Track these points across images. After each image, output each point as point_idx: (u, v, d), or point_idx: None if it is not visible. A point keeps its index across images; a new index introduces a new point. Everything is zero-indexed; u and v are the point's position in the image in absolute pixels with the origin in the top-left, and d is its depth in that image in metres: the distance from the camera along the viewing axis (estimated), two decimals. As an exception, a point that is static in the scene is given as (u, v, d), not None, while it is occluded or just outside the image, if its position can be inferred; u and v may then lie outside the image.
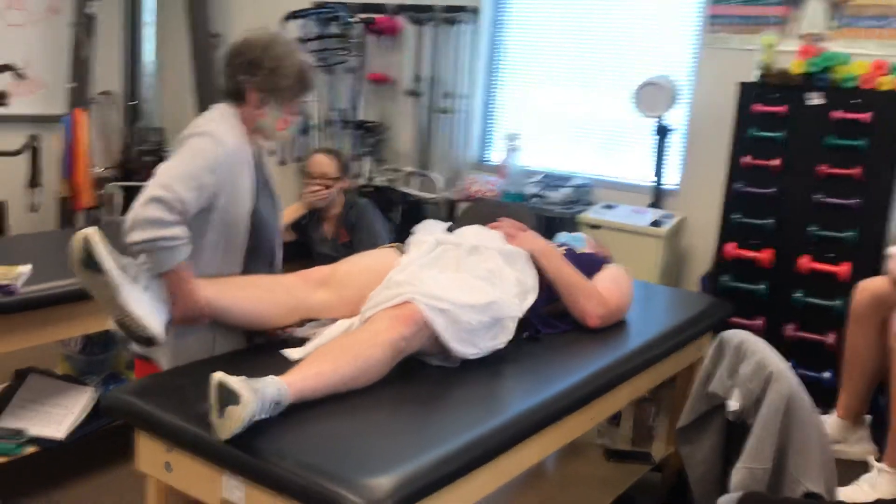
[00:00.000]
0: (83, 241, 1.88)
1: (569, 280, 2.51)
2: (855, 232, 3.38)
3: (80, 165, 4.87)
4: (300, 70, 2.27)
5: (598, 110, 4.61)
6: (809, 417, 2.08)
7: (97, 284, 1.91)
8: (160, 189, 1.99)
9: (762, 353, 2.22)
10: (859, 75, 3.33)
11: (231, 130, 2.19)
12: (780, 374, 2.13)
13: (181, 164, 2.06)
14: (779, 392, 2.10)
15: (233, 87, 2.26)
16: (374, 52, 5.20)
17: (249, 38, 2.27)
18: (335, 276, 2.31)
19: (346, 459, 1.66)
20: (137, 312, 1.94)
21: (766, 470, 2.08)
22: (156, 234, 1.98)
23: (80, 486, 2.95)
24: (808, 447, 2.05)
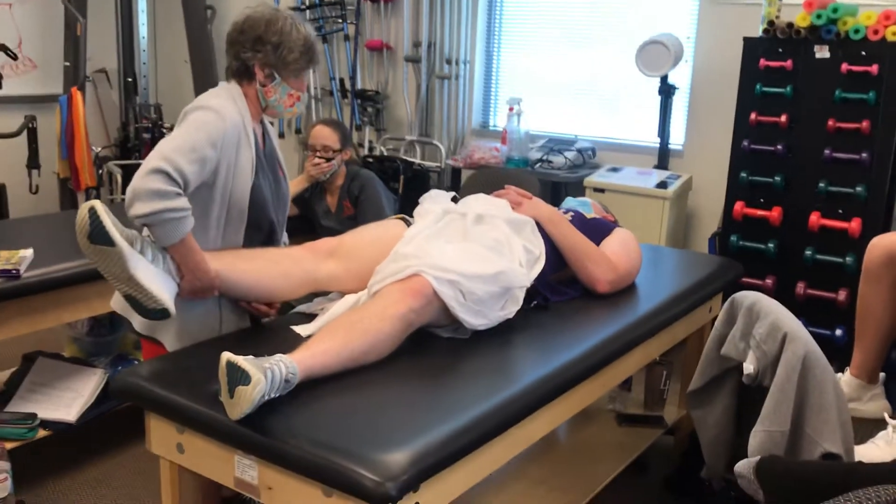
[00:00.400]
0: (88, 214, 1.84)
1: (576, 246, 2.48)
2: (864, 187, 3.34)
3: (78, 145, 4.83)
4: (305, 43, 2.23)
5: (600, 71, 4.55)
6: (825, 377, 2.06)
7: (104, 258, 1.88)
8: (161, 160, 1.94)
9: (776, 313, 2.18)
10: (867, 26, 3.27)
11: (234, 106, 2.16)
12: (795, 334, 2.10)
13: (182, 136, 2.02)
14: (794, 353, 2.07)
15: (238, 65, 2.22)
16: (371, 19, 5.13)
17: (252, 16, 2.22)
18: (342, 248, 2.29)
19: (360, 436, 1.65)
20: (147, 285, 1.91)
21: (784, 433, 2.05)
22: (160, 206, 1.91)
23: (93, 468, 2.96)
24: (825, 408, 2.03)
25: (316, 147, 3.38)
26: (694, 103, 4.22)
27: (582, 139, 4.49)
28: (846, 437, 2.02)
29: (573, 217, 2.62)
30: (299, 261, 2.23)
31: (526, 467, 2.57)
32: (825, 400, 2.03)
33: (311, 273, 2.22)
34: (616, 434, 2.87)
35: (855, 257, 3.36)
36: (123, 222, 1.94)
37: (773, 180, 3.53)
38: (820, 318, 3.47)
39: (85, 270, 2.64)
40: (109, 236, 1.85)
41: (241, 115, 2.17)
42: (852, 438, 2.07)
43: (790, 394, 2.05)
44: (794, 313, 2.32)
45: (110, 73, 5.57)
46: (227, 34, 2.25)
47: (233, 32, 2.23)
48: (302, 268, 2.21)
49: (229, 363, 1.64)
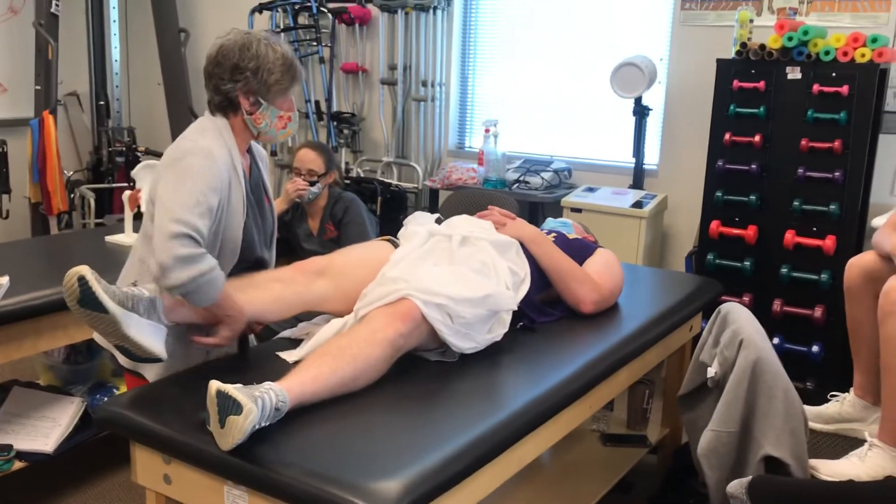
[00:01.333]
0: (78, 282, 1.81)
1: (561, 267, 2.49)
2: (837, 205, 3.39)
3: (50, 169, 4.77)
4: (284, 61, 2.16)
5: (575, 93, 4.59)
6: (775, 384, 2.11)
7: (98, 321, 1.86)
8: (176, 224, 1.90)
9: (740, 321, 2.25)
10: (837, 48, 3.33)
11: (221, 144, 2.10)
12: (750, 340, 2.17)
13: (184, 191, 1.95)
14: (746, 358, 2.15)
15: (221, 99, 2.15)
16: (346, 42, 5.14)
17: (224, 45, 2.16)
18: (332, 268, 2.27)
19: (352, 463, 1.63)
20: (140, 341, 1.89)
21: (731, 433, 2.13)
22: (194, 273, 1.90)
23: (71, 500, 2.89)
24: (772, 413, 2.09)
25: (301, 171, 3.37)
26: (668, 124, 4.27)
27: (558, 160, 4.52)
28: (795, 445, 2.07)
29: (556, 238, 2.64)
30: (289, 283, 2.21)
31: (513, 490, 2.56)
32: (773, 406, 2.09)
33: (301, 295, 2.21)
34: (600, 454, 2.88)
35: (830, 274, 3.41)
36: (108, 280, 1.91)
37: (748, 199, 3.58)
38: (797, 335, 3.51)
39: (61, 298, 2.58)
40: (102, 304, 1.83)
41: (229, 153, 2.12)
42: (804, 448, 2.11)
43: (740, 396, 2.13)
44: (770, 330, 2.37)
45: (82, 96, 5.52)
46: (204, 68, 2.17)
47: (208, 66, 2.16)
48: (292, 290, 2.20)
49: (219, 392, 1.63)
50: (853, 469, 2.22)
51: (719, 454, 2.14)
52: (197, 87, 5.43)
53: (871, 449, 2.26)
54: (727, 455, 2.15)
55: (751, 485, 1.73)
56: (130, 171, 4.59)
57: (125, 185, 4.87)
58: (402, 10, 4.81)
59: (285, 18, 5.13)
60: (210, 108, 2.19)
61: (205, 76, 2.17)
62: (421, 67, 4.88)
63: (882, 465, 2.18)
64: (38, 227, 4.99)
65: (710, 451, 2.15)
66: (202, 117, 2.21)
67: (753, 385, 2.14)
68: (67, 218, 4.94)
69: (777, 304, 3.53)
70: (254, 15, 5.14)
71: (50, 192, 4.79)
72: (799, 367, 3.49)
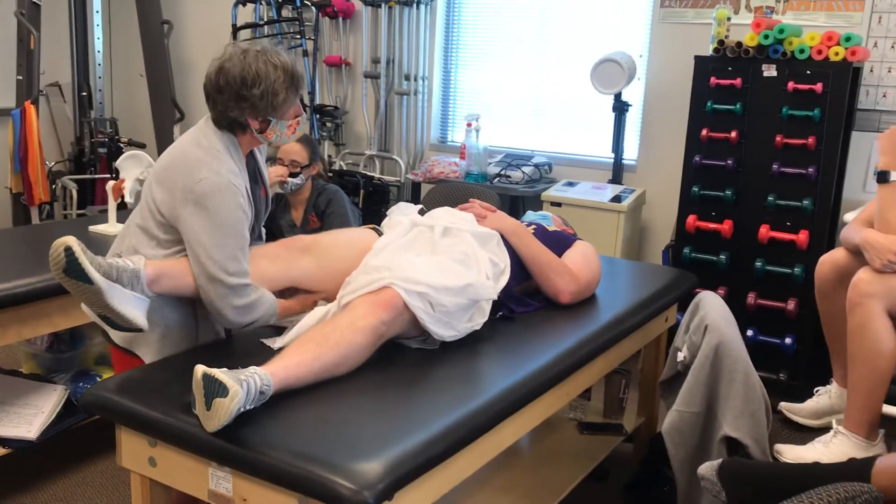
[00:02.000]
0: (64, 252, 1.85)
1: (540, 258, 2.54)
2: (811, 200, 3.47)
3: (31, 160, 4.76)
4: (286, 76, 2.11)
5: (556, 88, 4.65)
6: (735, 367, 2.19)
7: (82, 291, 1.90)
8: (226, 276, 2.04)
9: (708, 307, 2.33)
10: (811, 46, 3.41)
11: (235, 171, 2.11)
12: (714, 325, 2.25)
13: (229, 242, 2.05)
14: (709, 342, 2.23)
15: (229, 121, 2.13)
16: (329, 36, 5.17)
17: (224, 68, 2.08)
18: (317, 246, 2.33)
19: (334, 445, 1.67)
20: (123, 311, 1.93)
21: (694, 414, 2.21)
22: (253, 317, 2.11)
23: (55, 486, 2.92)
24: (732, 395, 2.16)
25: (284, 161, 3.40)
26: (647, 120, 4.34)
27: (539, 154, 4.57)
28: (754, 427, 2.15)
29: (535, 230, 2.69)
30: (274, 259, 2.25)
31: (492, 476, 2.61)
32: (733, 388, 2.17)
33: (285, 272, 2.25)
34: (577, 442, 2.93)
35: (803, 268, 3.48)
36: (94, 251, 1.95)
37: (724, 194, 3.65)
38: (770, 328, 3.59)
39: (46, 286, 2.62)
40: (87, 275, 1.87)
41: (239, 175, 2.13)
42: (763, 430, 2.19)
43: (702, 379, 2.21)
44: (744, 323, 2.45)
45: (64, 86, 5.51)
46: (204, 86, 2.12)
47: (211, 90, 2.11)
48: (277, 267, 2.25)
49: (206, 375, 1.66)
50: (816, 454, 2.30)
51: (682, 433, 2.22)
52: (180, 78, 5.45)
53: (836, 436, 2.33)
54: (690, 434, 2.24)
55: (720, 467, 1.79)
56: (113, 162, 4.61)
57: (108, 176, 4.88)
58: (385, 4, 4.85)
59: (269, 11, 5.15)
60: (217, 124, 2.15)
61: (206, 96, 2.13)
62: (404, 61, 4.92)
63: (845, 452, 2.25)
64: (20, 218, 4.99)
65: (674, 430, 2.24)
66: (206, 126, 2.16)
67: (715, 368, 2.22)
68: (49, 209, 4.94)
69: (751, 296, 3.60)
70: (237, 7, 5.16)
71: (31, 182, 4.79)
72: (772, 358, 3.57)
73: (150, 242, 2.14)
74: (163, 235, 2.12)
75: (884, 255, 2.23)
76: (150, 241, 2.14)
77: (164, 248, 2.13)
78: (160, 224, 2.11)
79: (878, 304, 2.20)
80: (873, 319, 2.20)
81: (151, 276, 2.02)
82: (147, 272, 2.02)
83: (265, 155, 2.39)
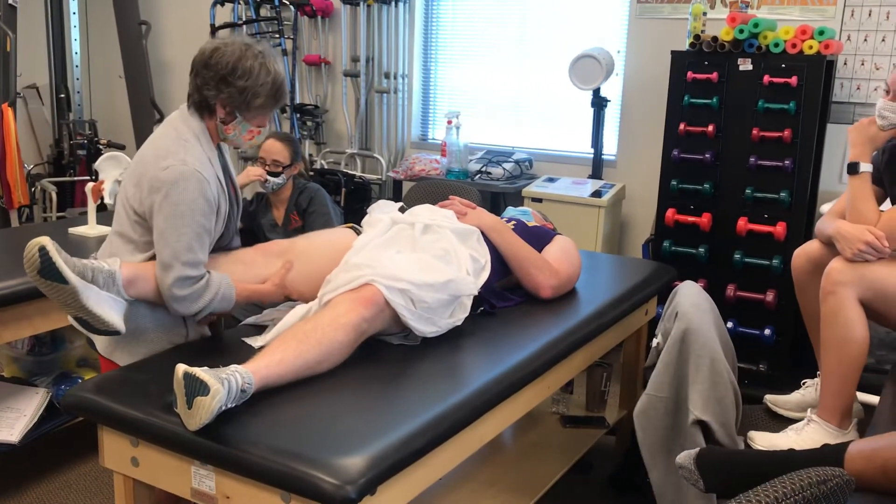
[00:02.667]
0: (39, 252, 1.85)
1: (520, 254, 2.56)
2: (788, 192, 3.51)
3: (10, 162, 4.72)
4: (273, 85, 2.12)
5: (535, 85, 4.67)
6: (703, 353, 2.22)
7: (56, 291, 1.89)
8: (180, 267, 2.03)
9: (681, 295, 2.36)
10: (786, 40, 3.44)
11: (204, 158, 2.11)
12: (684, 312, 2.28)
13: (186, 230, 2.03)
14: (679, 328, 2.26)
15: (200, 99, 2.12)
16: (308, 34, 5.17)
17: (220, 49, 2.09)
18: (294, 250, 2.32)
19: (317, 441, 1.69)
20: (98, 312, 1.93)
21: (663, 398, 2.26)
22: (202, 304, 2.08)
23: (38, 489, 2.91)
24: (700, 380, 2.20)
25: (266, 161, 3.39)
26: (625, 115, 4.37)
27: (519, 151, 4.59)
28: (723, 412, 2.19)
29: (515, 226, 2.71)
30: (251, 265, 2.26)
31: (476, 470, 2.63)
32: (700, 373, 2.20)
33: (262, 277, 2.25)
34: (560, 435, 2.95)
35: (781, 260, 3.52)
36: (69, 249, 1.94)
37: (703, 188, 3.68)
38: (749, 319, 3.63)
39: (25, 289, 2.60)
40: (62, 275, 1.87)
41: (211, 163, 2.13)
42: (732, 415, 2.23)
43: (670, 364, 2.25)
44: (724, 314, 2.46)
45: (42, 88, 5.47)
46: (193, 59, 2.14)
47: (198, 63, 2.11)
48: (254, 272, 2.24)
49: (186, 374, 1.67)
50: (788, 441, 2.32)
51: (649, 417, 2.26)
52: (159, 79, 5.43)
53: (809, 424, 2.36)
54: (658, 419, 2.27)
55: (698, 455, 1.81)
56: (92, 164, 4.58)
57: (87, 178, 4.85)
58: (363, 2, 4.85)
59: (247, 11, 5.14)
60: (189, 100, 2.17)
61: (191, 70, 2.14)
62: (383, 59, 4.93)
63: (816, 440, 2.27)
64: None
65: (641, 413, 2.29)
66: (178, 116, 2.18)
67: (684, 354, 2.25)
68: (28, 212, 4.90)
69: (730, 289, 3.64)
70: (216, 7, 5.14)
71: (10, 185, 4.75)
72: (752, 349, 3.61)
73: (126, 247, 2.14)
74: (139, 237, 2.12)
75: (854, 244, 2.26)
76: (128, 246, 2.14)
77: (142, 252, 2.13)
78: (135, 224, 2.12)
79: (850, 293, 2.23)
80: (845, 307, 2.23)
81: (127, 277, 2.02)
82: (123, 273, 2.02)
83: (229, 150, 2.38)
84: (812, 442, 2.23)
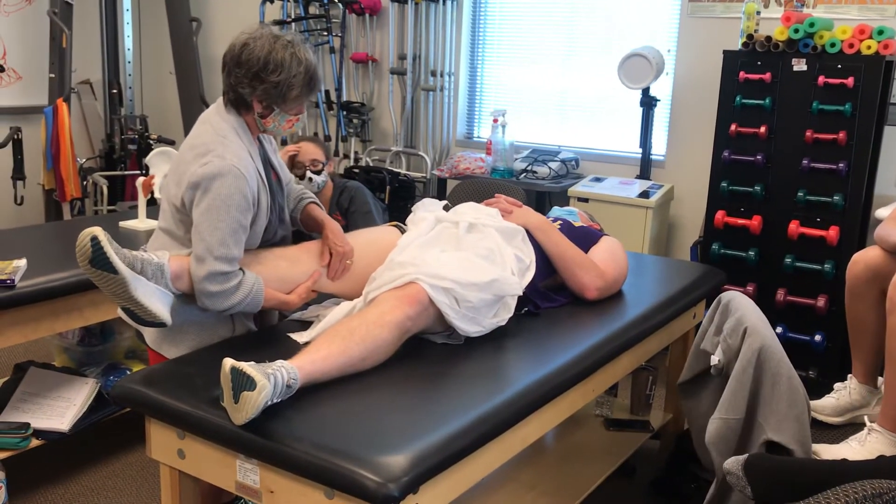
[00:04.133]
0: (91, 242, 1.88)
1: (566, 254, 2.53)
2: (841, 196, 3.43)
3: (63, 156, 4.83)
4: (307, 74, 2.12)
5: (583, 83, 4.62)
6: (779, 370, 2.15)
7: (106, 280, 1.92)
8: (213, 262, 2.03)
9: (743, 309, 2.29)
10: (843, 40, 3.36)
11: (244, 153, 2.11)
12: (754, 328, 2.20)
13: (223, 226, 2.03)
14: (751, 346, 2.18)
15: (235, 97, 2.14)
16: (356, 32, 5.19)
17: (249, 45, 2.09)
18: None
19: (360, 439, 1.69)
20: (147, 303, 1.95)
21: (738, 420, 2.17)
22: (233, 302, 2.08)
23: (86, 477, 2.97)
24: (776, 399, 2.13)
25: (305, 163, 3.42)
26: (675, 115, 4.30)
27: (565, 150, 4.56)
28: (799, 431, 2.11)
29: (561, 225, 2.68)
30: (295, 262, 2.26)
31: (517, 471, 2.61)
32: (777, 392, 2.13)
33: (306, 274, 2.25)
34: (603, 438, 2.92)
35: (833, 264, 3.44)
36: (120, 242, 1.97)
37: (753, 190, 3.61)
38: (800, 325, 3.55)
39: (77, 280, 2.66)
40: (112, 265, 1.89)
41: (251, 157, 2.13)
42: (807, 434, 2.16)
43: (746, 384, 2.17)
44: (774, 319, 2.40)
45: (95, 84, 5.58)
46: (224, 57, 2.15)
47: (229, 61, 2.12)
48: (299, 270, 2.25)
49: (234, 369, 1.68)
50: (853, 453, 2.27)
51: (728, 441, 2.16)
52: (208, 75, 5.50)
53: (871, 433, 2.30)
54: (735, 442, 2.19)
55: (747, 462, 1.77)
56: (143, 159, 4.66)
57: (137, 173, 4.94)
58: (411, 1, 4.86)
59: (296, 8, 5.18)
60: (224, 97, 2.19)
61: (223, 68, 2.15)
62: (430, 57, 4.93)
63: (880, 449, 2.22)
64: (52, 214, 5.06)
65: (720, 439, 2.18)
66: (214, 111, 2.19)
67: (758, 372, 2.17)
68: (80, 205, 5.01)
69: (781, 293, 3.57)
70: (265, 5, 5.19)
71: (63, 178, 4.86)
72: (802, 355, 3.53)
73: (173, 244, 2.17)
74: (182, 233, 2.15)
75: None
76: (174, 242, 2.17)
77: (186, 248, 2.15)
78: (179, 221, 2.14)
79: (920, 306, 2.17)
80: (914, 320, 2.17)
81: (175, 271, 2.05)
82: (171, 267, 2.04)
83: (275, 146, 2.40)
84: (875, 452, 2.17)
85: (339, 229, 2.34)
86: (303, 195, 2.46)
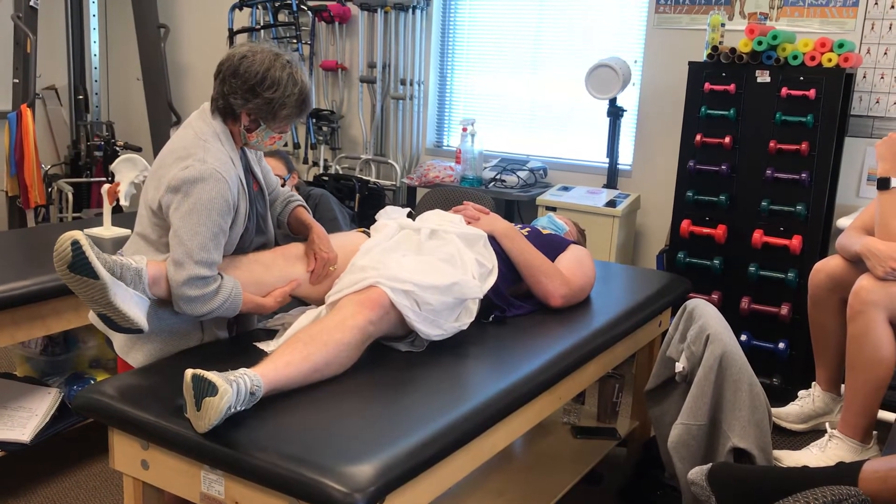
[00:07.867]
0: (71, 246, 1.85)
1: (530, 261, 2.55)
2: (804, 205, 3.48)
3: (27, 163, 4.77)
4: (300, 96, 2.12)
5: (551, 93, 4.66)
6: (741, 377, 2.18)
7: (84, 286, 1.89)
8: (192, 266, 2.00)
9: (706, 317, 2.32)
10: (805, 53, 3.42)
11: (226, 158, 2.10)
12: (716, 335, 2.23)
13: (202, 230, 2.01)
14: (713, 353, 2.21)
15: (225, 105, 2.12)
16: (326, 40, 5.18)
17: (248, 57, 2.08)
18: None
19: (325, 448, 1.68)
20: (124, 309, 1.93)
21: (700, 426, 2.20)
22: (211, 307, 2.06)
23: (48, 489, 2.92)
24: (738, 405, 2.16)
25: None
26: (641, 125, 4.35)
27: (534, 159, 4.59)
28: (760, 437, 2.14)
29: (529, 232, 2.70)
30: (270, 266, 2.25)
31: (485, 479, 2.62)
32: (739, 398, 2.16)
33: (281, 279, 2.24)
34: (571, 446, 2.94)
35: (796, 273, 3.50)
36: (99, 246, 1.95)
37: (718, 199, 3.66)
38: (764, 332, 3.60)
39: (40, 289, 2.62)
40: (94, 270, 1.87)
41: (233, 164, 2.12)
42: (768, 439, 2.19)
43: (707, 390, 2.19)
44: (738, 327, 2.44)
45: (60, 90, 5.52)
46: (220, 64, 2.12)
47: (226, 70, 2.10)
48: (273, 274, 2.24)
49: (195, 376, 1.67)
50: (814, 459, 2.30)
51: (689, 447, 2.19)
52: (175, 82, 5.46)
53: (832, 440, 2.34)
54: (697, 448, 2.22)
55: (710, 472, 1.79)
56: (109, 166, 4.61)
57: (103, 180, 4.88)
58: (381, 9, 4.86)
59: (265, 15, 5.16)
60: (212, 107, 2.16)
61: (217, 75, 2.12)
62: (400, 66, 4.93)
63: (841, 455, 2.26)
64: (15, 221, 4.99)
65: (681, 444, 2.21)
66: (198, 116, 2.17)
67: (720, 379, 2.21)
68: (44, 212, 4.94)
69: (745, 301, 3.61)
70: (234, 11, 5.17)
71: (27, 185, 4.80)
72: (766, 363, 3.58)
73: (148, 249, 2.15)
74: (157, 238, 2.13)
75: (886, 262, 2.23)
76: (149, 248, 2.15)
77: (161, 254, 2.13)
78: (155, 225, 2.12)
79: (880, 313, 2.20)
80: (875, 328, 2.20)
81: (152, 276, 2.03)
82: (148, 272, 2.02)
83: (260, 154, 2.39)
84: (836, 458, 2.21)
85: (325, 234, 2.33)
86: (290, 198, 2.45)
